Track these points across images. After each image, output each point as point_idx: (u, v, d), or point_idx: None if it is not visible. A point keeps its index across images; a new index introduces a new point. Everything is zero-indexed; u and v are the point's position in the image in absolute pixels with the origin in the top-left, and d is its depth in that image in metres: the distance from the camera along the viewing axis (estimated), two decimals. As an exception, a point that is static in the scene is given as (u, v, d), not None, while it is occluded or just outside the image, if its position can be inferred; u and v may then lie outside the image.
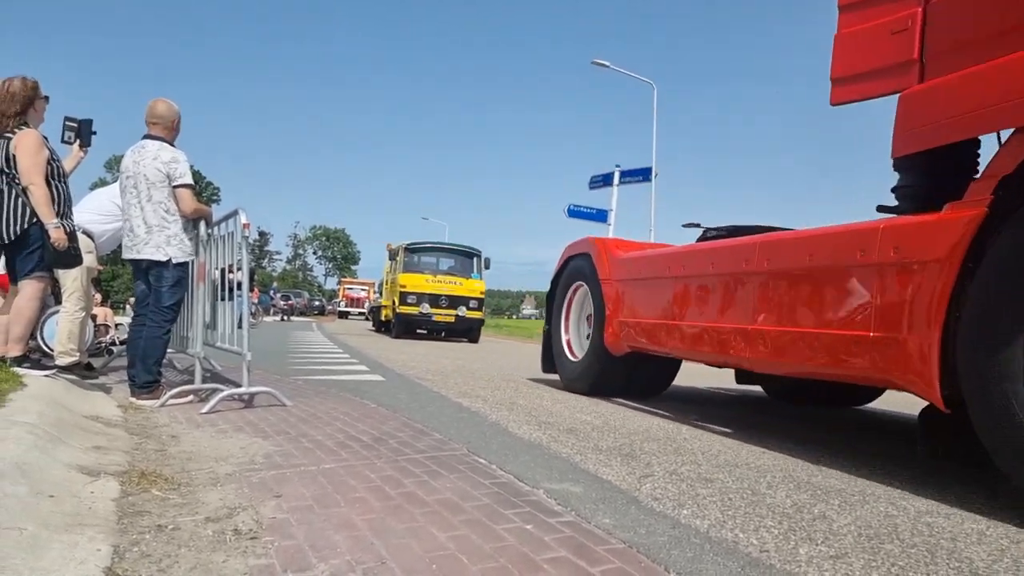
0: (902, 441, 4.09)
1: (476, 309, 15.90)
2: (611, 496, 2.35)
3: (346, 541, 1.76)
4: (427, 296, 15.26)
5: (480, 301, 16.12)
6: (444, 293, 15.46)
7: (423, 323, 15.63)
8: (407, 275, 15.77)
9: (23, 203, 3.62)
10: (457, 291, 15.68)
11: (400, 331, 15.79)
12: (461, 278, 16.27)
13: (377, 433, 3.25)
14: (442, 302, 15.32)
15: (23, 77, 3.79)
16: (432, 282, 15.67)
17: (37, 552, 1.47)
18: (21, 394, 2.94)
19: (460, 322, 15.59)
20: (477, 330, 16.44)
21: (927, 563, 1.86)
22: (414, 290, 15.30)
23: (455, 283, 15.89)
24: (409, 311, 15.23)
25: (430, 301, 15.22)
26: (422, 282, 15.54)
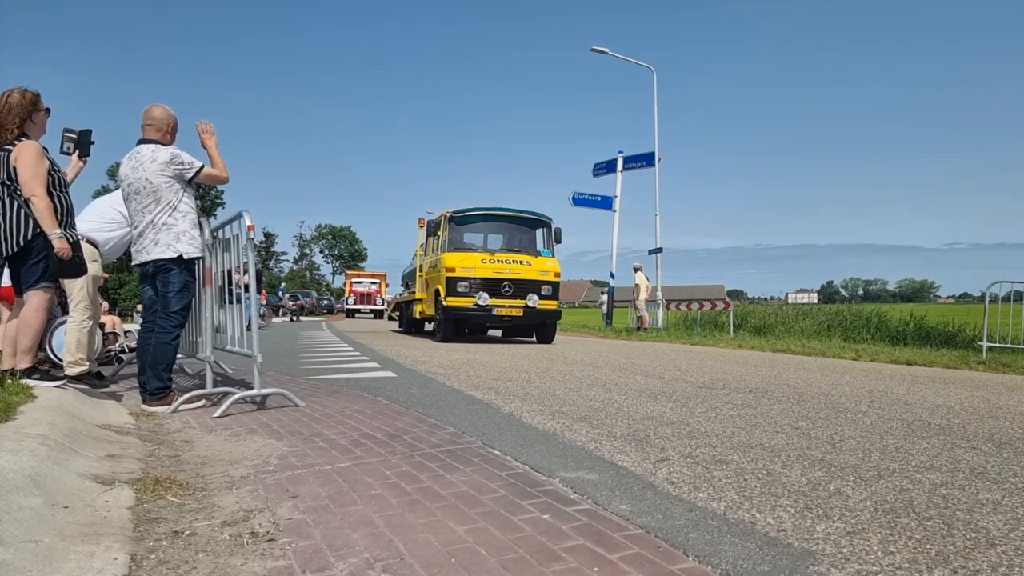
0: (917, 416, 4.07)
1: (550, 297, 11.66)
2: (627, 482, 2.34)
3: (364, 539, 1.76)
4: (485, 282, 11.20)
5: (555, 287, 11.81)
6: (508, 277, 11.33)
7: (481, 318, 11.46)
8: (455, 255, 11.52)
9: (25, 215, 3.62)
10: (525, 273, 11.52)
11: (449, 332, 11.56)
12: (528, 255, 11.88)
13: (391, 429, 3.26)
14: (505, 289, 11.28)
15: (23, 89, 3.78)
16: (490, 262, 11.40)
17: (54, 563, 1.47)
18: (32, 406, 2.95)
19: (529, 315, 11.48)
20: (552, 325, 12.14)
21: (944, 535, 1.85)
22: (467, 274, 11.19)
23: (521, 263, 11.60)
24: (460, 303, 11.17)
25: (489, 288, 11.18)
26: (477, 263, 11.32)
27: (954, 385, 5.92)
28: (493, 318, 11.37)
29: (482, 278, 11.24)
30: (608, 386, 5.20)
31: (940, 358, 8.65)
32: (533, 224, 12.68)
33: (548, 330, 12.19)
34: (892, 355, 9.16)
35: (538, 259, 11.90)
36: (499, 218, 12.52)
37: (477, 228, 12.58)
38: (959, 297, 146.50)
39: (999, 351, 8.90)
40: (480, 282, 11.21)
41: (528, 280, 11.49)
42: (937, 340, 11.28)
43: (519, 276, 11.44)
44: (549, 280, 11.69)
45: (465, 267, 11.27)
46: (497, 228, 12.73)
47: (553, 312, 11.80)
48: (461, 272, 11.23)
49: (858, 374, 6.85)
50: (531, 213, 12.64)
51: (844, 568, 1.60)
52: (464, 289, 11.16)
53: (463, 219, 12.18)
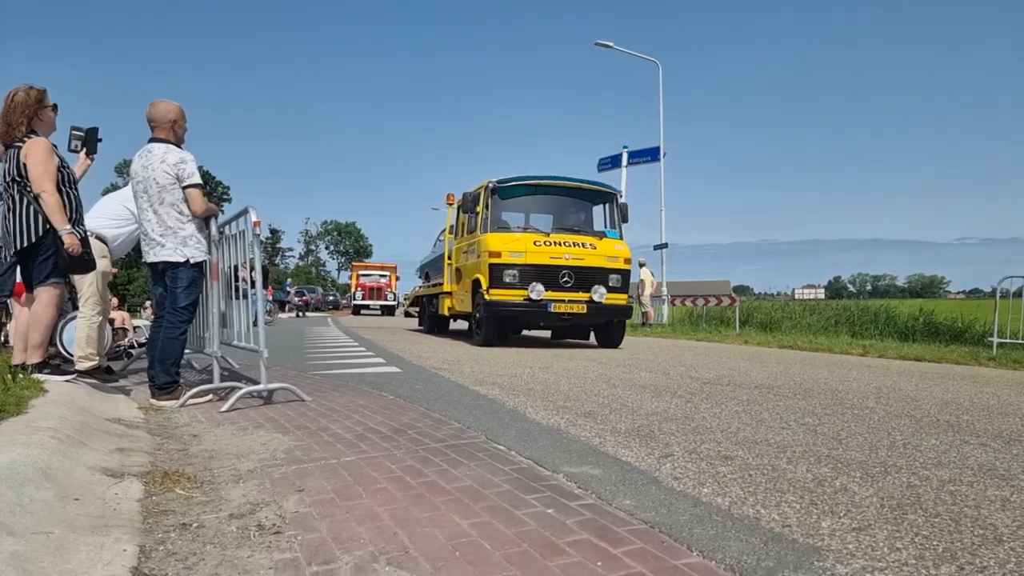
0: (925, 413, 4.05)
1: (619, 290, 9.25)
2: (631, 477, 2.35)
3: (369, 532, 1.77)
4: (539, 270, 8.84)
5: (625, 277, 9.38)
6: (568, 264, 8.95)
7: (533, 316, 9.08)
8: (501, 235, 9.14)
9: (35, 211, 3.65)
10: (589, 259, 9.08)
11: (492, 333, 9.17)
12: (591, 237, 9.41)
13: (396, 424, 3.27)
14: (565, 280, 8.92)
15: (29, 86, 3.80)
16: (546, 245, 8.99)
17: (65, 555, 1.49)
18: (43, 400, 2.98)
19: (594, 312, 9.05)
20: (620, 325, 9.72)
21: (951, 531, 1.85)
22: (516, 260, 8.83)
23: (584, 246, 9.16)
24: (507, 297, 8.84)
25: (544, 279, 8.83)
26: (528, 246, 8.94)
27: (963, 381, 5.88)
28: (549, 316, 8.95)
29: (536, 265, 8.84)
30: (612, 382, 5.20)
31: (949, 354, 8.60)
32: (595, 197, 10.10)
33: (615, 331, 9.70)
34: (900, 351, 9.12)
35: (604, 241, 9.39)
36: (554, 189, 9.92)
37: (526, 203, 10.06)
38: (969, 292, 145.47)
39: (1010, 347, 8.84)
40: (533, 270, 8.82)
41: (593, 268, 9.06)
42: (946, 336, 11.21)
43: (582, 263, 9.01)
44: (618, 268, 9.27)
45: (514, 251, 8.87)
46: (551, 203, 10.12)
47: (622, 309, 9.43)
48: (509, 258, 8.83)
49: (865, 370, 6.82)
50: (593, 183, 10.07)
51: (849, 564, 1.60)
52: (512, 279, 8.81)
53: (509, 190, 9.63)
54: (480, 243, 9.36)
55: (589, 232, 9.65)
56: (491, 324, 9.11)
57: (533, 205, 10.21)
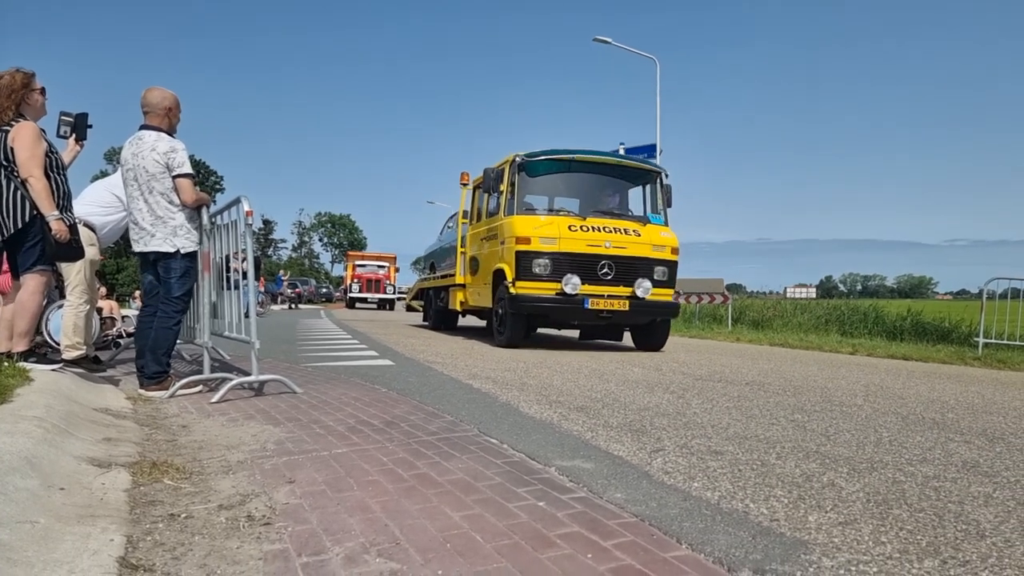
0: (911, 411, 4.09)
1: (665, 284, 8.10)
2: (622, 471, 2.35)
3: (360, 524, 1.77)
4: (575, 260, 7.67)
5: (672, 269, 8.20)
6: (609, 253, 7.76)
7: (566, 313, 7.79)
8: (530, 219, 7.93)
9: (22, 196, 3.60)
10: (633, 248, 7.90)
11: (517, 332, 7.96)
12: (634, 223, 8.22)
13: (388, 417, 3.26)
14: (604, 271, 7.73)
15: (15, 69, 3.75)
16: (582, 230, 7.80)
17: (50, 544, 1.48)
18: (28, 388, 2.95)
19: (637, 310, 7.84)
20: (665, 325, 8.51)
21: (935, 526, 1.87)
22: (547, 248, 7.65)
23: (627, 232, 7.96)
24: (536, 290, 7.63)
25: (581, 269, 7.66)
26: (562, 231, 7.73)
27: (949, 380, 5.94)
28: (585, 313, 7.68)
29: (571, 254, 7.63)
30: (605, 376, 5.21)
31: (936, 353, 8.68)
32: (637, 176, 8.85)
33: (658, 332, 8.41)
34: (888, 350, 9.20)
35: (648, 228, 8.17)
36: (591, 166, 8.59)
37: (557, 181, 8.81)
38: (957, 293, 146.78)
39: (995, 347, 8.93)
40: (567, 260, 7.62)
41: (637, 259, 7.88)
42: (933, 336, 11.31)
43: (624, 252, 7.81)
44: (665, 259, 8.09)
45: (545, 237, 7.65)
46: (587, 182, 8.78)
47: (668, 307, 8.18)
48: (539, 245, 7.62)
49: (854, 368, 6.87)
50: (637, 159, 9.05)
51: (835, 557, 1.61)
52: (543, 270, 7.62)
53: (539, 166, 8.36)
54: (504, 228, 8.13)
55: (630, 217, 8.47)
56: (517, 322, 7.87)
57: (566, 184, 8.84)
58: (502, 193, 8.39)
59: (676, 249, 8.26)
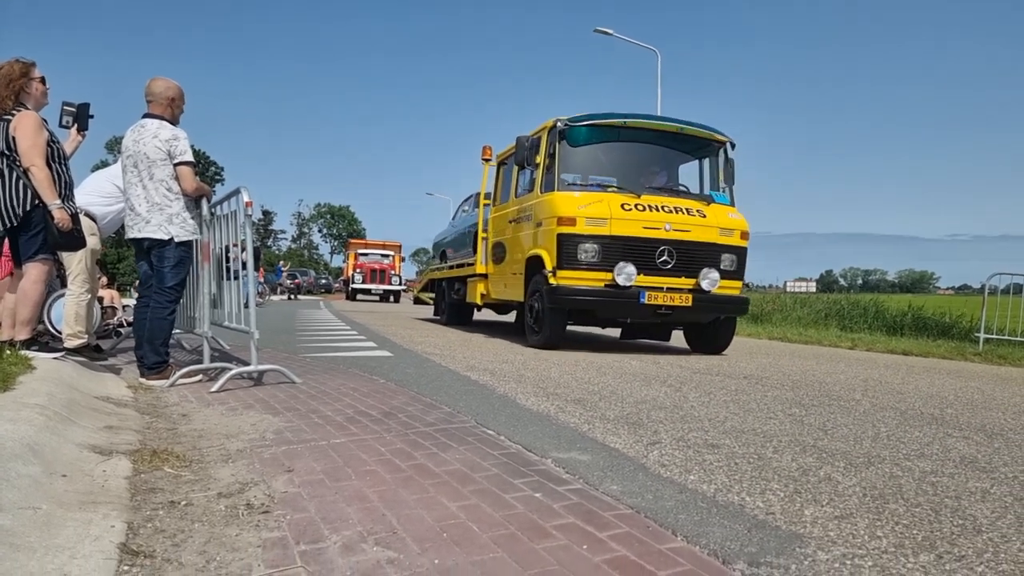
0: (910, 406, 4.10)
1: (733, 275, 6.95)
2: (619, 464, 2.37)
3: (358, 513, 1.78)
4: (630, 245, 6.49)
5: (742, 257, 7.04)
6: (669, 238, 6.58)
7: (618, 309, 6.65)
8: (573, 196, 6.71)
9: (24, 185, 3.61)
10: (697, 231, 6.71)
11: (557, 330, 6.83)
12: (697, 201, 7.02)
13: (386, 408, 3.28)
14: (663, 259, 6.56)
15: (16, 58, 3.75)
16: (637, 210, 6.57)
17: (52, 530, 1.49)
18: (31, 376, 2.96)
19: (701, 305, 6.68)
20: (731, 324, 7.31)
21: (931, 521, 1.88)
22: (596, 230, 6.48)
23: (689, 212, 6.78)
24: (581, 281, 6.49)
25: (637, 256, 6.49)
26: (615, 210, 6.51)
27: (949, 375, 5.95)
28: (640, 309, 6.49)
29: (625, 238, 6.44)
30: (603, 369, 5.22)
31: (936, 348, 8.69)
32: (698, 146, 7.52)
33: (722, 331, 7.23)
34: (888, 345, 9.20)
35: (713, 208, 6.94)
36: (646, 134, 7.23)
37: (605, 152, 7.35)
38: (959, 288, 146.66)
39: (996, 343, 8.94)
40: (620, 245, 6.43)
41: (703, 245, 6.69)
42: (934, 331, 11.32)
43: (688, 237, 6.62)
44: (734, 245, 6.91)
45: (594, 217, 6.43)
46: (640, 153, 7.44)
47: (736, 302, 6.95)
48: (586, 227, 6.43)
49: (853, 363, 6.88)
50: (700, 126, 7.38)
51: (830, 551, 1.63)
52: (590, 256, 6.43)
53: (584, 133, 7.03)
54: (542, 207, 6.93)
55: (692, 194, 7.31)
56: (557, 318, 6.73)
57: (614, 155, 7.41)
58: (538, 166, 7.21)
59: (746, 233, 7.07)
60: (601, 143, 7.26)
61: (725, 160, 7.43)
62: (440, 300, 12.16)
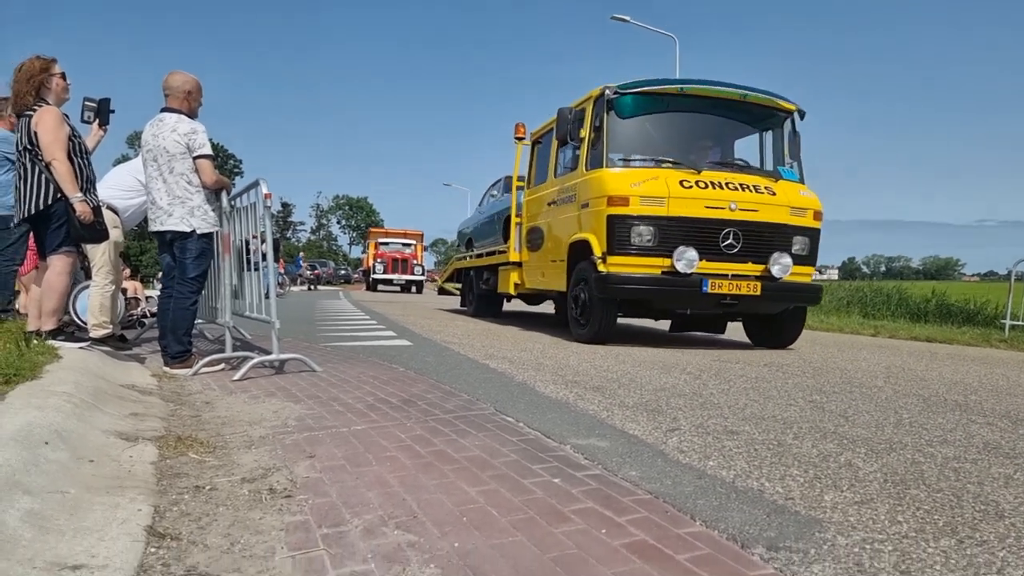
0: (933, 392, 4.04)
1: (805, 260, 6.24)
2: (637, 450, 2.37)
3: (378, 497, 1.80)
4: (691, 226, 5.84)
5: (814, 240, 6.31)
6: (735, 219, 5.90)
7: (677, 298, 6.05)
8: (625, 173, 6.04)
9: (46, 179, 3.67)
10: (766, 212, 6.01)
11: (606, 322, 6.20)
12: (765, 178, 6.29)
13: (406, 395, 3.30)
14: (729, 242, 5.89)
15: (37, 55, 3.81)
16: (699, 187, 5.91)
17: (80, 513, 1.53)
18: (57, 365, 3.03)
19: (771, 294, 6.01)
20: (801, 315, 6.62)
21: (953, 506, 1.86)
22: (652, 210, 5.80)
23: (757, 190, 6.07)
24: (635, 267, 5.86)
25: (699, 239, 5.83)
26: (673, 187, 5.83)
27: (973, 362, 5.86)
28: (702, 299, 5.83)
29: (685, 220, 5.77)
30: (622, 357, 5.21)
31: (961, 335, 8.55)
32: (763, 116, 6.71)
33: (790, 323, 6.56)
34: (912, 332, 9.07)
35: (783, 185, 6.24)
36: (706, 103, 6.47)
37: (660, 124, 6.61)
38: (984, 275, 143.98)
39: (1022, 329, 8.77)
40: (680, 227, 5.77)
41: (773, 226, 5.98)
42: (959, 318, 11.14)
43: (756, 218, 5.92)
44: (806, 227, 6.17)
45: (649, 196, 5.75)
46: (697, 125, 6.77)
47: (808, 291, 6.26)
48: (641, 207, 5.75)
49: (876, 350, 6.80)
50: (765, 93, 6.54)
51: (850, 536, 1.62)
52: (645, 240, 5.76)
53: (637, 102, 6.32)
54: (588, 186, 6.25)
55: (758, 170, 6.55)
56: (607, 310, 6.09)
57: (668, 127, 6.65)
58: (582, 141, 6.53)
59: (820, 213, 6.30)
60: (654, 113, 6.54)
61: (792, 132, 6.70)
62: (467, 291, 11.68)
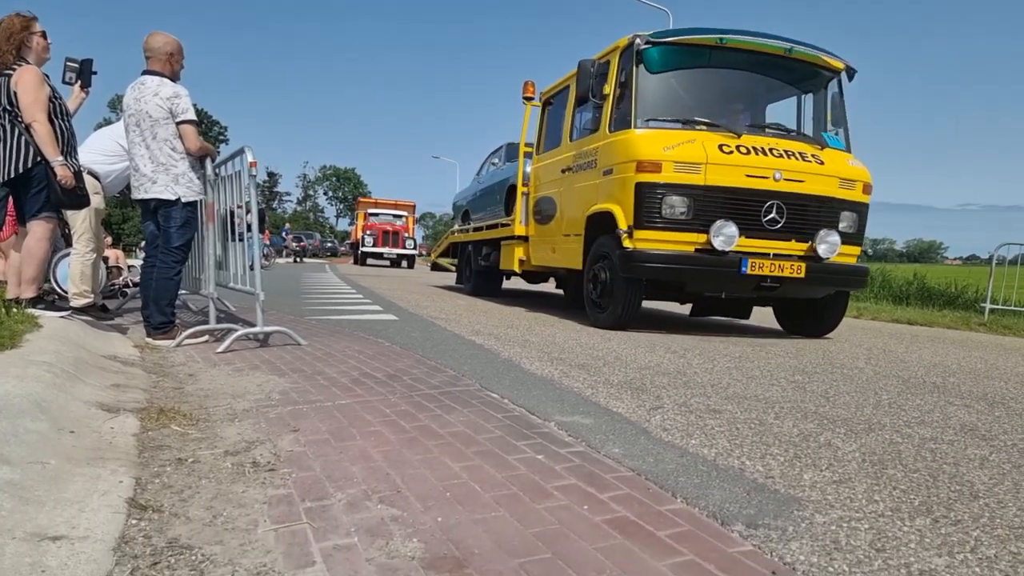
0: (913, 374, 4.11)
1: (852, 239, 5.56)
2: (621, 427, 2.39)
3: (362, 472, 1.81)
4: (731, 199, 5.14)
5: (863, 216, 5.63)
6: (779, 189, 5.20)
7: (715, 279, 5.29)
8: (656, 134, 5.31)
9: (26, 141, 3.58)
10: (813, 183, 5.30)
11: (630, 305, 5.50)
12: (811, 146, 5.59)
13: (391, 370, 3.30)
14: (771, 216, 5.21)
15: (16, 12, 3.69)
16: (740, 152, 5.17)
17: (61, 484, 1.52)
18: (37, 335, 2.99)
19: (817, 277, 5.31)
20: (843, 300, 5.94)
21: (929, 486, 1.89)
22: (687, 178, 5.08)
23: (803, 158, 5.33)
24: (666, 244, 5.16)
25: (738, 212, 5.14)
26: (711, 152, 5.11)
27: (953, 345, 5.95)
28: (741, 281, 5.19)
29: (725, 189, 5.12)
30: (607, 335, 5.23)
31: (941, 318, 8.68)
32: (804, 75, 5.97)
33: (830, 309, 5.92)
34: (893, 314, 9.19)
35: (829, 153, 5.58)
36: (746, 58, 5.70)
37: (691, 82, 5.86)
38: (967, 259, 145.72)
39: (1001, 313, 8.91)
40: (719, 198, 5.12)
41: (820, 199, 5.33)
42: (940, 301, 11.29)
43: (801, 189, 5.26)
44: (855, 201, 5.52)
45: (684, 162, 5.09)
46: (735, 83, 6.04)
47: (855, 273, 5.64)
48: (675, 174, 5.08)
49: (858, 331, 6.89)
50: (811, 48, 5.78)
51: (828, 514, 1.65)
52: (678, 212, 5.11)
53: (668, 55, 5.59)
54: (612, 149, 5.57)
55: (802, 135, 5.86)
56: (632, 291, 5.41)
57: (705, 84, 5.90)
58: (606, 98, 5.79)
59: (869, 186, 5.59)
60: (687, 68, 5.75)
61: (838, 94, 5.97)
62: (464, 267, 10.87)
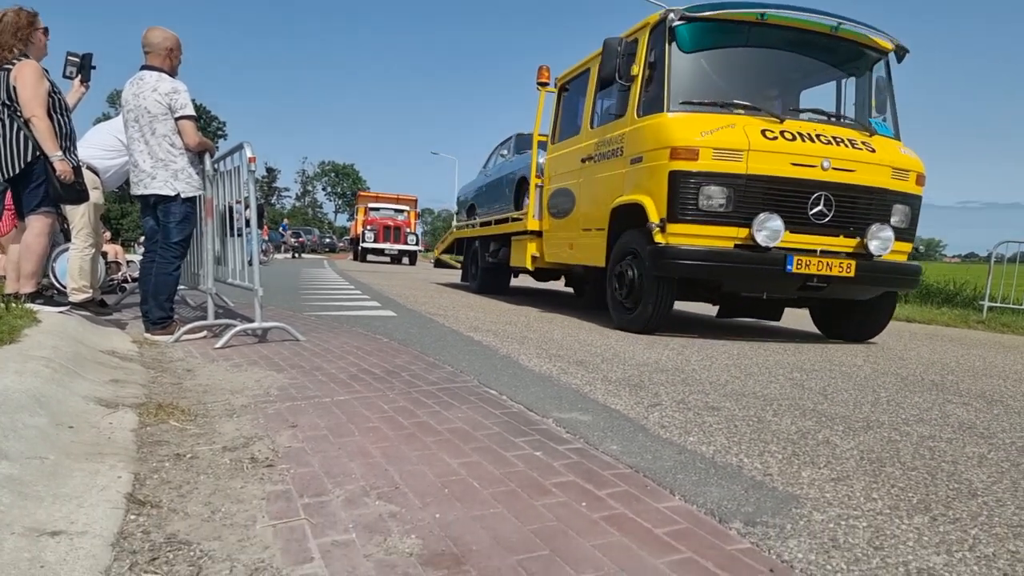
0: (911, 372, 4.11)
1: (905, 234, 5.03)
2: (619, 424, 2.39)
3: (361, 468, 1.81)
4: (775, 190, 4.64)
5: (915, 209, 5.10)
6: (827, 180, 4.69)
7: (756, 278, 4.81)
8: (692, 118, 4.82)
9: (25, 136, 3.58)
10: (864, 173, 4.77)
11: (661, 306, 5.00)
12: (859, 132, 5.06)
13: (389, 366, 3.30)
14: (819, 210, 4.70)
15: (19, 7, 3.68)
16: (784, 138, 4.66)
17: (59, 479, 1.52)
18: (36, 329, 2.99)
19: (867, 276, 4.82)
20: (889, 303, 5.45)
21: (927, 484, 1.90)
22: (726, 166, 4.59)
23: (852, 145, 4.81)
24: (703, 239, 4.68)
25: (784, 206, 4.64)
26: (754, 138, 4.61)
27: (951, 343, 5.96)
28: (785, 280, 4.76)
29: (769, 179, 4.66)
30: (606, 332, 5.24)
31: (940, 316, 8.68)
32: (850, 56, 5.47)
33: (877, 311, 5.48)
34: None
35: (879, 140, 5.10)
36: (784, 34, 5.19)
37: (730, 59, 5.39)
38: (966, 256, 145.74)
39: (999, 311, 8.92)
40: (763, 189, 4.66)
41: (871, 191, 4.87)
42: (938, 298, 11.30)
43: (851, 179, 4.80)
44: (908, 193, 5.06)
45: (723, 148, 4.63)
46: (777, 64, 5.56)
47: (908, 272, 5.17)
48: (713, 162, 4.64)
49: (856, 329, 6.88)
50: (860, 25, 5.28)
51: (826, 512, 1.65)
52: (716, 204, 4.67)
53: (703, 33, 5.14)
54: (642, 135, 5.12)
55: (850, 121, 5.36)
56: (664, 291, 4.97)
57: (743, 65, 5.43)
58: (634, 79, 5.30)
59: (923, 177, 5.11)
60: (723, 48, 5.28)
61: (886, 77, 5.48)
62: (470, 263, 10.29)
